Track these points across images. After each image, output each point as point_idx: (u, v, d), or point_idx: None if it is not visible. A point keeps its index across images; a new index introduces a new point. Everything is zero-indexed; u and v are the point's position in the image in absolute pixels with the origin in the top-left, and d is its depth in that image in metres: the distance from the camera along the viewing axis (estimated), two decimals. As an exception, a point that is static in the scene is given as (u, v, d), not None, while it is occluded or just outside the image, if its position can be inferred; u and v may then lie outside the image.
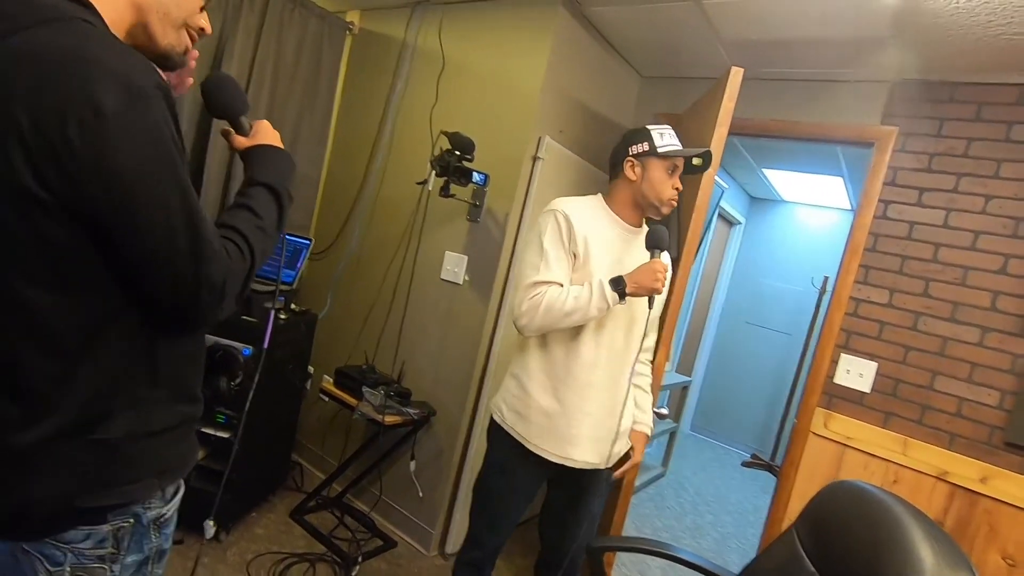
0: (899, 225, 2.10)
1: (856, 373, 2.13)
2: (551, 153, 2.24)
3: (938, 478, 1.96)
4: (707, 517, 3.42)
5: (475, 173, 2.09)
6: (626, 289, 1.36)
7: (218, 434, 2.04)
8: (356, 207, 2.69)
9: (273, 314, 0.96)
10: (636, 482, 3.50)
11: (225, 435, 2.04)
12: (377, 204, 2.65)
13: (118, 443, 0.74)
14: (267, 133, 0.91)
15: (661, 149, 1.44)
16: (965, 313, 1.97)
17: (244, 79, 2.38)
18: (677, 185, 1.47)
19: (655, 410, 2.00)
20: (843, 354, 2.16)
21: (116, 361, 0.73)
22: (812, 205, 4.80)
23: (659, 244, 1.41)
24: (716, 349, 5.14)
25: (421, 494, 2.34)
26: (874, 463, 2.06)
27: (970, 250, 1.98)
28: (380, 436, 2.19)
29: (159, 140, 0.66)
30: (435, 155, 2.08)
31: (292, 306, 2.33)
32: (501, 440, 1.53)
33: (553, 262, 1.41)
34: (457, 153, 2.04)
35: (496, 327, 2.25)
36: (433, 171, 2.09)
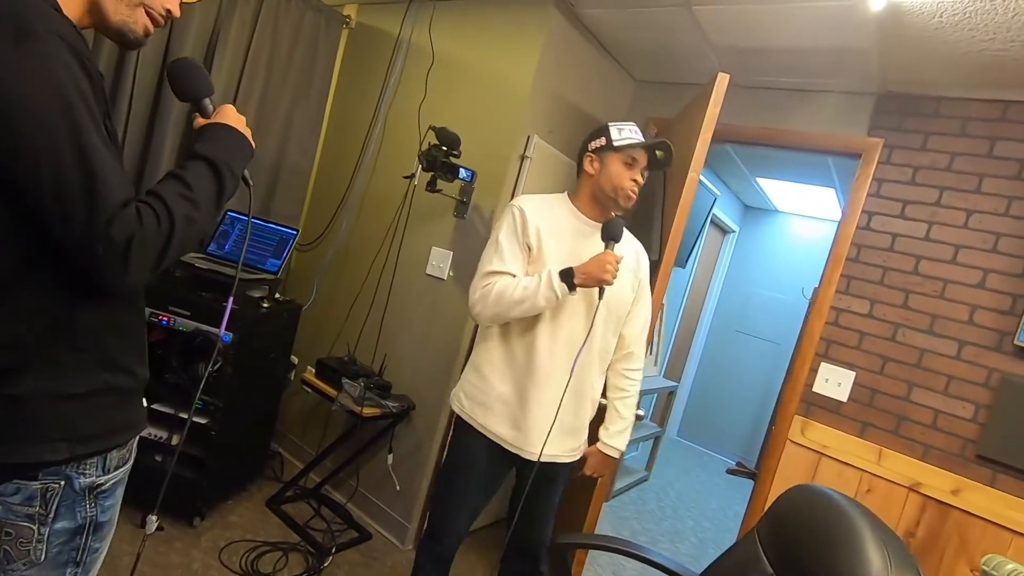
0: (882, 236, 2.11)
1: (835, 382, 2.14)
2: (539, 152, 2.25)
3: (911, 489, 1.97)
4: (687, 522, 3.43)
5: (462, 169, 2.10)
6: (575, 280, 1.37)
7: (196, 420, 2.04)
8: (346, 199, 2.70)
9: (231, 300, 0.96)
10: (617, 485, 3.52)
11: (203, 420, 2.05)
12: (367, 197, 2.66)
13: (25, 399, 0.74)
14: (228, 115, 0.91)
15: (617, 143, 1.47)
16: (943, 326, 1.98)
17: (238, 69, 2.39)
18: (636, 177, 1.47)
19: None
20: (823, 363, 2.17)
21: (30, 317, 0.73)
22: (805, 216, 4.82)
23: (614, 236, 1.41)
24: (705, 356, 5.16)
25: (398, 487, 2.34)
26: (848, 472, 2.07)
27: (950, 263, 1.99)
28: (358, 427, 2.20)
29: (47, 79, 0.66)
30: (423, 150, 2.09)
31: (276, 295, 2.34)
32: (462, 430, 1.55)
33: (507, 254, 1.46)
34: (444, 148, 2.05)
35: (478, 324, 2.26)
36: (420, 166, 2.10)
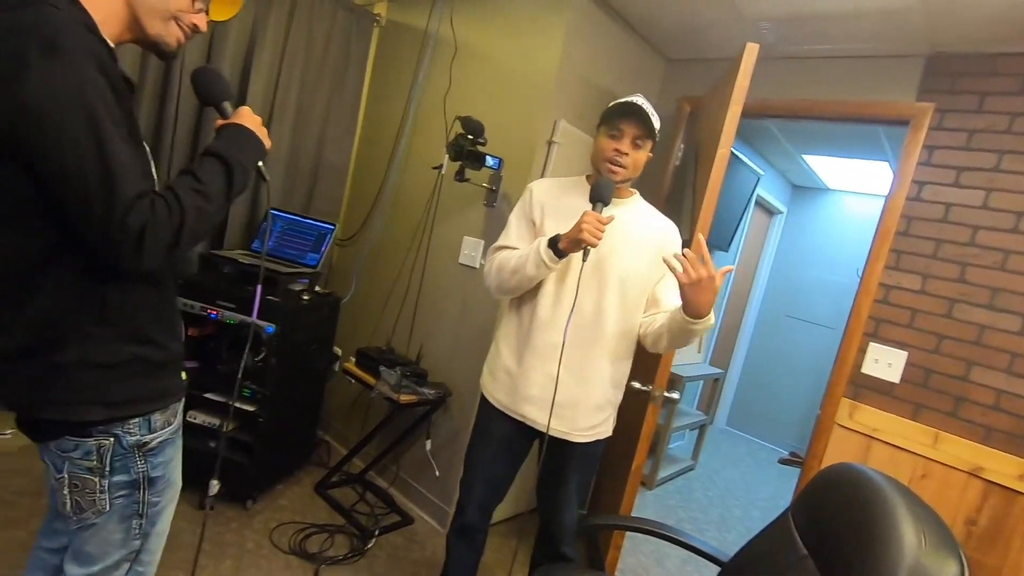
0: (934, 207, 1.98)
1: (885, 363, 2.04)
2: (567, 137, 2.23)
3: (971, 474, 1.85)
4: (735, 511, 3.34)
5: (488, 157, 2.11)
6: (559, 244, 1.36)
7: (244, 407, 2.15)
8: (380, 194, 2.77)
9: (260, 289, 1.03)
10: (662, 473, 3.47)
11: (251, 408, 2.15)
12: (400, 191, 2.71)
13: (66, 366, 0.84)
14: (244, 116, 0.98)
15: (601, 116, 1.50)
16: (1005, 300, 1.85)
17: (275, 70, 2.48)
18: (619, 147, 1.45)
19: (666, 395, 1.97)
20: (872, 343, 2.07)
21: (65, 294, 0.83)
22: (858, 193, 4.57)
23: (600, 197, 1.38)
24: (755, 343, 4.99)
25: (438, 473, 2.39)
26: (901, 456, 1.96)
27: (1012, 232, 1.85)
28: (396, 414, 2.25)
29: (76, 89, 0.74)
30: (450, 140, 2.11)
31: (316, 289, 2.42)
32: (481, 402, 1.61)
33: (513, 231, 1.56)
34: (470, 137, 2.06)
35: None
36: (448, 156, 2.13)
